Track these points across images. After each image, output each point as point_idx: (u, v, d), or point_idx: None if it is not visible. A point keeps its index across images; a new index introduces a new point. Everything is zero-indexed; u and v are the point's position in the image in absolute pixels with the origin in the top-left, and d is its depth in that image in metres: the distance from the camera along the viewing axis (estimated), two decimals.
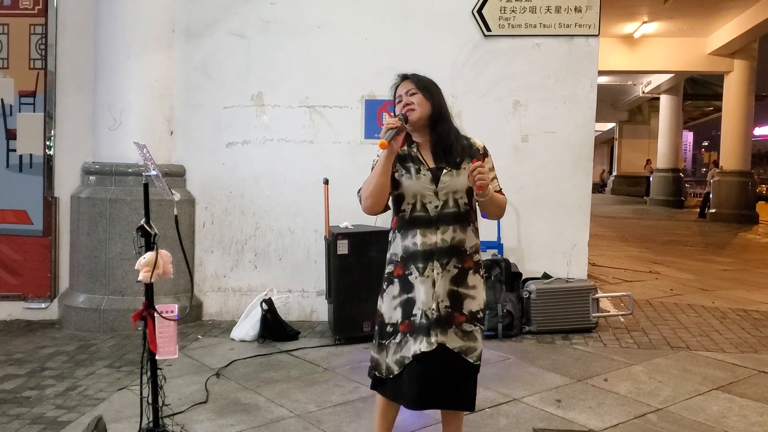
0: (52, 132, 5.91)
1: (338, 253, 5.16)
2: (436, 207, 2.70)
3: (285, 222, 6.00)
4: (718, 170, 18.13)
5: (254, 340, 5.27)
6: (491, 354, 4.94)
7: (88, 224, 5.62)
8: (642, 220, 18.15)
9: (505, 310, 5.40)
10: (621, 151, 30.80)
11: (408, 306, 2.72)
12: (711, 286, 8.09)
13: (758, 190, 24.49)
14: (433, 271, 2.69)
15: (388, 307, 2.78)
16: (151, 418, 2.93)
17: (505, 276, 5.54)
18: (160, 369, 2.96)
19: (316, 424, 3.63)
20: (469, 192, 2.74)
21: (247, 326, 5.33)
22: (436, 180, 2.70)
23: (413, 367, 2.69)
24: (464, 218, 2.75)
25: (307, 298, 5.99)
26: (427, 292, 2.68)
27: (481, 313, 2.77)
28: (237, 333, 5.35)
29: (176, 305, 2.91)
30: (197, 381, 4.31)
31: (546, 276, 5.77)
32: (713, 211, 17.79)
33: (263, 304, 5.32)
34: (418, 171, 2.70)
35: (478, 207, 2.83)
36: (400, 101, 2.75)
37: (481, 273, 2.81)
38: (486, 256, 5.69)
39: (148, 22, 5.74)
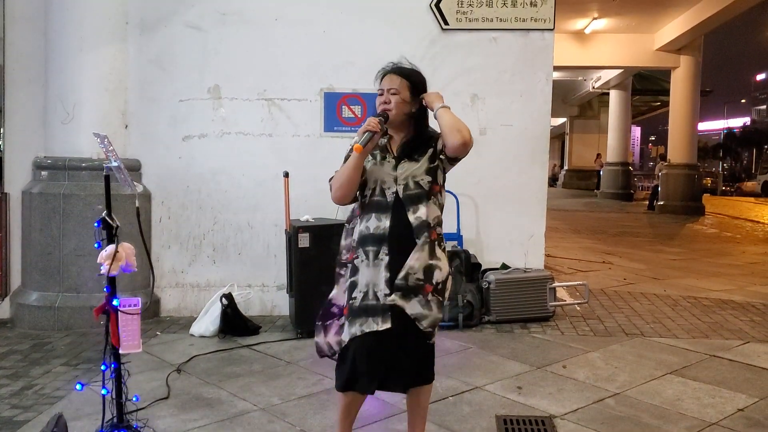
0: (2, 126, 5.74)
1: (299, 246, 5.15)
2: (394, 192, 2.74)
3: (244, 216, 5.94)
4: (665, 163, 18.61)
5: (214, 336, 5.22)
6: (452, 344, 5.00)
7: (41, 220, 5.48)
8: (593, 212, 18.51)
9: (465, 301, 5.47)
10: (572, 146, 31.29)
11: (350, 290, 2.78)
12: (662, 275, 8.32)
13: (704, 182, 25.20)
14: (386, 255, 2.70)
15: (340, 292, 2.87)
16: (114, 413, 2.88)
17: (465, 267, 5.60)
18: (123, 363, 2.92)
19: (281, 416, 3.62)
20: (429, 171, 2.76)
21: (207, 322, 5.28)
22: (396, 168, 2.76)
23: (362, 344, 2.71)
24: (427, 195, 2.75)
25: (267, 293, 5.95)
26: (377, 274, 2.71)
27: (441, 285, 2.77)
28: (196, 329, 5.29)
29: (139, 299, 2.87)
30: (158, 377, 4.25)
31: (504, 266, 5.86)
32: (662, 203, 18.25)
33: (223, 299, 5.28)
34: (383, 158, 2.72)
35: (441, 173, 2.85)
36: (381, 94, 2.78)
37: (443, 246, 2.84)
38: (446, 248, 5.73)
39: (100, 14, 5.62)
